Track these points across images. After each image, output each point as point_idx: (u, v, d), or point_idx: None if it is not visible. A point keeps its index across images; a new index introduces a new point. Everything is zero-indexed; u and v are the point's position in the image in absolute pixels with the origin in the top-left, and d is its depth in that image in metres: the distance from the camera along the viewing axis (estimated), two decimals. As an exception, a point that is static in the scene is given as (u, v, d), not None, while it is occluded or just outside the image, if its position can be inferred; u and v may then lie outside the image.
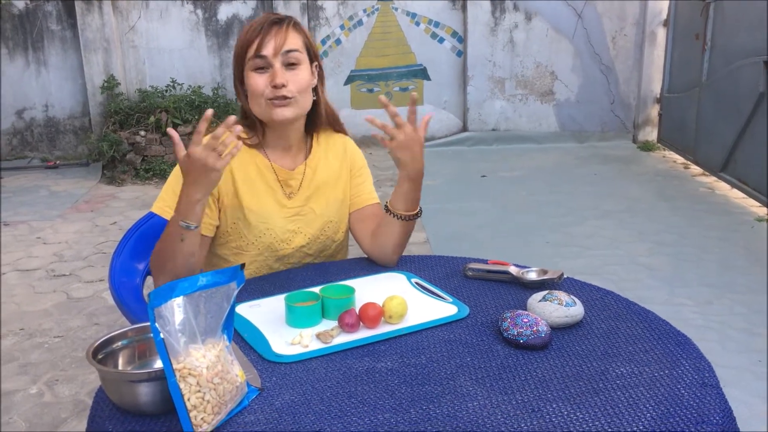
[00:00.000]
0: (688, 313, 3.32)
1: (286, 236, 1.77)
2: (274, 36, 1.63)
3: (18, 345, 3.21)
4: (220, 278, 1.15)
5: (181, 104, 6.13)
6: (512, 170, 6.08)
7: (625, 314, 1.47)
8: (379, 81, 6.95)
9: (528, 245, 4.29)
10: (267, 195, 1.75)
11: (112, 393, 1.15)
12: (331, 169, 1.83)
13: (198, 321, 1.11)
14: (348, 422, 1.12)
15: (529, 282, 1.60)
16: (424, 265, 1.77)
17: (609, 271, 3.85)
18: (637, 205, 5.00)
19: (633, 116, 6.91)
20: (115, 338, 1.23)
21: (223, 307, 1.15)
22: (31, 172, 6.48)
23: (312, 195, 1.80)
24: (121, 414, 1.16)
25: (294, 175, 1.78)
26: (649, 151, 6.67)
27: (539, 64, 6.85)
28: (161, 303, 1.06)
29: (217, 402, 1.09)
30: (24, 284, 3.91)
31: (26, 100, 6.67)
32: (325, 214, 1.81)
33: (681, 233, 4.41)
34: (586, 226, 4.60)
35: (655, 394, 1.17)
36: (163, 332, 1.05)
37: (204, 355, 1.10)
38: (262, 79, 1.64)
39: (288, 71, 1.64)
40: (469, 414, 1.13)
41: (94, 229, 4.83)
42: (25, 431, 2.55)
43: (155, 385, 1.11)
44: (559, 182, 5.66)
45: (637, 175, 5.84)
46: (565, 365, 1.27)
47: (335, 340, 1.37)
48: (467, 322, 1.45)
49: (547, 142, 6.92)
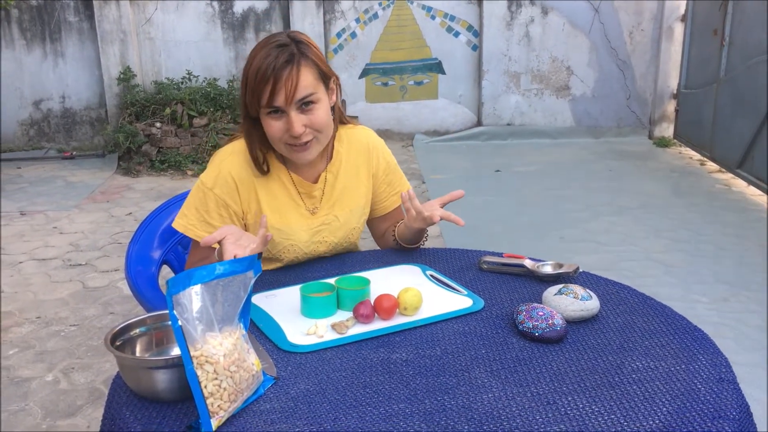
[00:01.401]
0: (703, 310, 3.30)
1: (310, 249, 1.75)
2: (284, 82, 1.52)
3: (35, 333, 3.24)
4: (238, 267, 1.16)
5: (196, 96, 6.16)
6: (527, 165, 6.06)
7: (642, 309, 1.46)
8: (393, 75, 6.94)
9: (542, 240, 4.28)
10: (291, 210, 1.72)
11: (130, 379, 1.16)
12: (352, 172, 1.79)
13: (215, 309, 1.11)
14: (363, 412, 1.12)
15: (544, 275, 1.60)
16: (439, 258, 1.77)
17: (624, 267, 3.84)
18: (652, 202, 4.97)
19: (649, 112, 6.86)
20: (133, 325, 1.24)
21: (240, 295, 1.16)
22: (47, 163, 6.53)
23: (335, 203, 1.76)
24: (138, 401, 1.17)
25: (316, 187, 1.74)
26: (666, 147, 6.63)
27: (555, 58, 6.82)
28: (179, 290, 1.07)
29: (234, 390, 1.10)
30: (41, 273, 3.95)
31: (43, 91, 6.72)
32: (349, 222, 1.79)
33: (697, 230, 4.38)
34: (601, 221, 4.58)
35: (671, 388, 1.17)
36: (181, 319, 1.06)
37: (221, 343, 1.10)
38: (279, 125, 1.57)
39: (305, 114, 1.57)
40: (483, 405, 1.13)
41: (110, 220, 4.87)
42: (41, 418, 2.58)
43: (172, 372, 1.11)
44: (574, 178, 5.63)
45: (652, 171, 5.80)
46: (580, 359, 1.27)
47: (350, 330, 1.38)
48: (482, 315, 1.45)
49: (562, 137, 6.89)
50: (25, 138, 6.82)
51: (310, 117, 1.57)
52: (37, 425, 2.54)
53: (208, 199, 1.65)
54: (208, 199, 1.65)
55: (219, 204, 1.65)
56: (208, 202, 1.65)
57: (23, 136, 6.82)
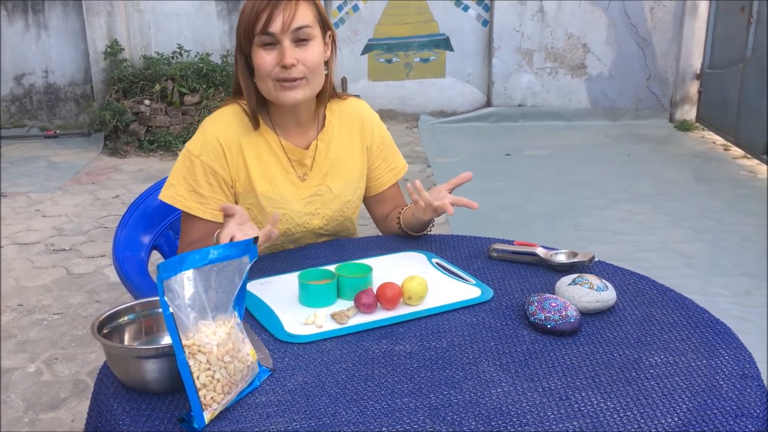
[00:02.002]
0: (725, 303, 3.30)
1: (303, 220, 1.76)
2: (282, 11, 1.56)
3: (16, 322, 3.25)
4: (232, 252, 1.16)
5: (188, 72, 6.14)
6: (539, 149, 6.05)
7: (661, 300, 1.46)
8: (398, 51, 6.91)
9: (555, 229, 4.28)
10: (281, 177, 1.74)
11: (118, 369, 1.16)
12: (346, 143, 1.81)
13: (209, 296, 1.11)
14: (364, 406, 1.13)
15: (557, 265, 1.60)
16: (446, 245, 1.77)
17: (641, 257, 3.84)
18: (672, 189, 4.97)
19: (670, 93, 6.84)
20: (121, 312, 1.24)
21: (235, 282, 1.16)
22: (29, 142, 6.53)
23: (328, 173, 1.78)
24: (127, 392, 1.17)
25: (307, 154, 1.76)
26: (687, 130, 6.61)
27: (571, 35, 6.78)
28: (170, 276, 1.07)
29: (228, 381, 1.10)
30: (22, 258, 3.96)
31: (25, 65, 6.70)
32: (343, 194, 1.80)
33: (719, 219, 4.37)
34: (617, 209, 4.57)
35: (692, 384, 1.17)
36: (172, 306, 1.06)
37: (214, 331, 1.10)
38: (270, 57, 1.60)
39: (298, 48, 1.60)
40: (492, 401, 1.13)
41: (96, 203, 4.87)
42: (22, 411, 2.59)
43: (163, 361, 1.12)
44: (589, 162, 5.62)
45: (673, 157, 5.79)
46: (595, 352, 1.27)
47: (351, 320, 1.38)
48: (491, 306, 1.45)
49: (577, 119, 6.87)
50: (5, 115, 6.81)
51: (303, 52, 1.61)
52: (18, 419, 2.55)
53: (196, 167, 1.67)
54: (195, 167, 1.67)
55: (207, 171, 1.67)
56: (196, 170, 1.67)
57: (4, 113, 6.80)
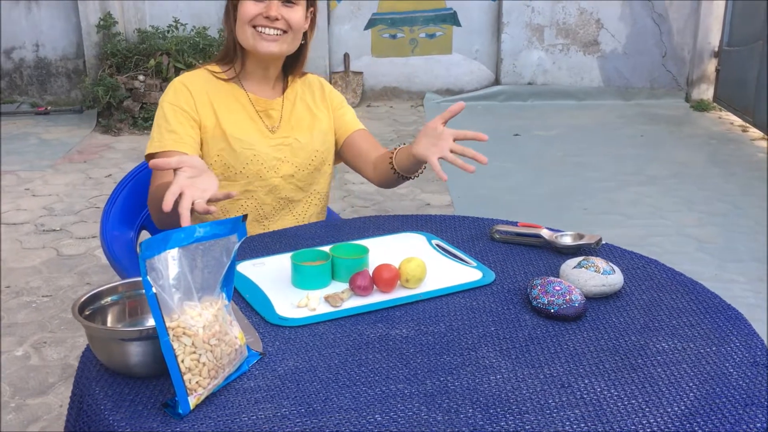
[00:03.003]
0: (738, 290, 3.28)
1: (273, 163, 1.85)
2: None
3: (3, 304, 3.25)
4: (220, 230, 1.14)
5: (184, 47, 6.11)
6: (549, 129, 6.01)
7: (670, 285, 1.45)
8: (403, 26, 6.86)
9: (563, 211, 4.26)
10: (250, 124, 1.85)
11: (100, 352, 1.15)
12: (309, 103, 1.95)
13: (194, 276, 1.10)
14: (357, 392, 1.12)
15: (563, 247, 1.59)
16: (447, 226, 1.76)
17: (652, 242, 3.82)
18: (686, 171, 4.94)
19: (687, 72, 6.79)
20: (104, 293, 1.23)
21: (223, 261, 1.15)
22: (19, 118, 6.51)
23: (294, 126, 1.90)
24: (110, 375, 1.16)
25: (273, 105, 1.88)
26: (704, 110, 6.56)
27: (583, 10, 6.73)
28: (154, 254, 1.06)
29: (214, 365, 1.09)
30: (11, 239, 3.96)
31: (15, 39, 6.67)
32: (310, 144, 1.90)
33: (734, 203, 4.35)
34: (628, 192, 4.55)
35: (700, 372, 1.16)
36: (155, 286, 1.05)
37: (200, 313, 1.09)
38: (256, 7, 1.73)
39: (283, 7, 1.75)
40: (491, 387, 1.12)
41: (87, 182, 4.86)
42: (9, 396, 2.60)
43: (147, 344, 1.11)
44: (601, 143, 5.59)
45: (688, 138, 5.75)
46: (599, 338, 1.26)
47: (345, 303, 1.37)
48: (492, 289, 1.44)
49: (589, 98, 6.83)
50: (-6, 91, 6.80)
51: (288, 11, 1.75)
52: (5, 404, 2.56)
53: (165, 110, 1.78)
54: (165, 111, 1.78)
55: (175, 110, 1.77)
56: (166, 113, 1.77)
57: (-7, 88, 6.79)
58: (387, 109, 6.78)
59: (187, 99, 1.79)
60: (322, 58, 6.67)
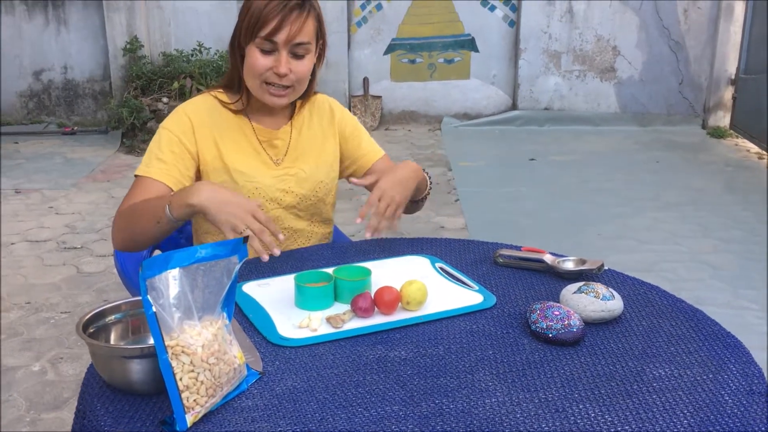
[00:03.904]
0: (752, 317, 3.24)
1: (276, 195, 1.83)
2: (290, 23, 1.66)
3: (23, 319, 3.29)
4: (221, 251, 1.16)
5: (207, 69, 6.18)
6: (565, 154, 6.00)
7: (670, 311, 1.44)
8: (422, 51, 6.90)
9: (578, 236, 4.24)
10: (253, 156, 1.82)
11: (102, 369, 1.17)
12: (317, 130, 1.91)
13: (195, 296, 1.11)
14: (353, 413, 1.12)
15: (565, 272, 1.58)
16: (452, 249, 1.76)
17: (667, 268, 3.79)
18: (702, 198, 4.90)
19: (703, 99, 6.75)
20: (108, 311, 1.25)
21: (223, 282, 1.16)
22: (47, 138, 6.61)
23: (299, 156, 1.87)
24: (111, 393, 1.17)
25: (278, 135, 1.85)
26: (720, 138, 6.52)
27: (600, 37, 6.73)
28: (155, 274, 1.07)
29: (212, 384, 1.10)
30: (33, 256, 4.00)
31: (44, 60, 6.79)
32: (315, 175, 1.87)
33: (750, 230, 4.30)
34: (644, 218, 4.52)
35: (695, 399, 1.15)
36: (155, 305, 1.06)
37: (200, 332, 1.10)
38: (265, 61, 1.69)
39: (293, 60, 1.71)
40: (485, 411, 1.12)
41: (110, 201, 4.92)
42: (24, 410, 2.62)
43: (147, 362, 1.12)
44: (617, 169, 5.56)
45: (704, 165, 5.71)
46: (596, 364, 1.25)
47: (346, 325, 1.37)
48: (493, 313, 1.44)
49: (605, 124, 6.81)
50: (23, 111, 6.91)
51: (297, 64, 1.71)
52: (20, 417, 2.58)
53: (162, 138, 1.75)
54: (162, 138, 1.75)
55: (172, 141, 1.74)
56: (162, 140, 1.74)
57: (22, 108, 6.90)
58: (405, 132, 6.80)
59: (187, 131, 1.76)
60: (342, 82, 6.72)
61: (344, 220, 4.20)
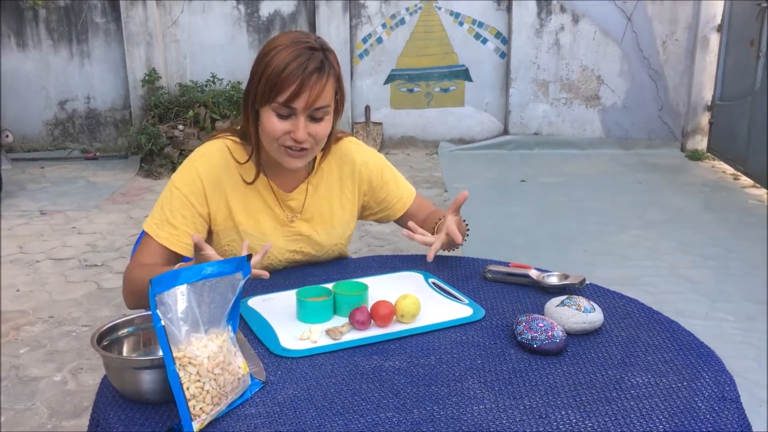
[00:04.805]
0: (728, 328, 3.23)
1: (286, 256, 1.73)
2: (309, 89, 1.51)
3: (47, 332, 3.28)
4: (226, 268, 1.16)
5: (219, 99, 6.21)
6: (553, 176, 6.01)
7: (647, 323, 1.43)
8: (419, 81, 6.94)
9: (565, 252, 4.23)
10: (265, 215, 1.70)
11: (115, 379, 1.17)
12: (335, 184, 1.77)
13: (201, 310, 1.12)
14: (349, 419, 1.12)
15: (549, 286, 1.58)
16: (444, 266, 1.76)
17: (648, 282, 3.78)
18: (682, 216, 4.89)
19: (682, 124, 6.77)
20: (120, 325, 1.25)
21: (228, 297, 1.16)
22: (71, 163, 6.63)
23: (315, 217, 1.74)
24: (123, 401, 1.17)
25: (294, 196, 1.72)
26: (698, 160, 6.53)
27: (585, 67, 6.76)
28: (163, 290, 1.07)
29: (218, 393, 1.10)
30: (56, 273, 4.00)
31: (69, 91, 6.83)
32: (329, 239, 1.77)
33: (727, 246, 4.30)
34: (627, 235, 4.52)
35: (671, 405, 1.14)
36: (164, 319, 1.06)
37: (206, 345, 1.10)
38: (282, 125, 1.55)
39: (311, 123, 1.57)
40: (473, 417, 1.12)
41: (129, 221, 4.93)
42: (46, 418, 2.61)
43: (157, 372, 1.12)
44: (602, 190, 5.57)
45: (684, 185, 5.72)
46: (578, 372, 1.24)
47: (345, 336, 1.37)
48: (482, 325, 1.43)
49: (591, 148, 6.82)
50: (49, 138, 6.94)
51: (315, 127, 1.57)
52: (42, 425, 2.57)
53: (174, 198, 1.63)
54: (173, 198, 1.63)
55: (184, 204, 1.63)
56: (174, 201, 1.63)
57: (48, 135, 6.93)
58: (404, 156, 6.82)
59: (198, 193, 1.63)
60: (346, 110, 6.73)
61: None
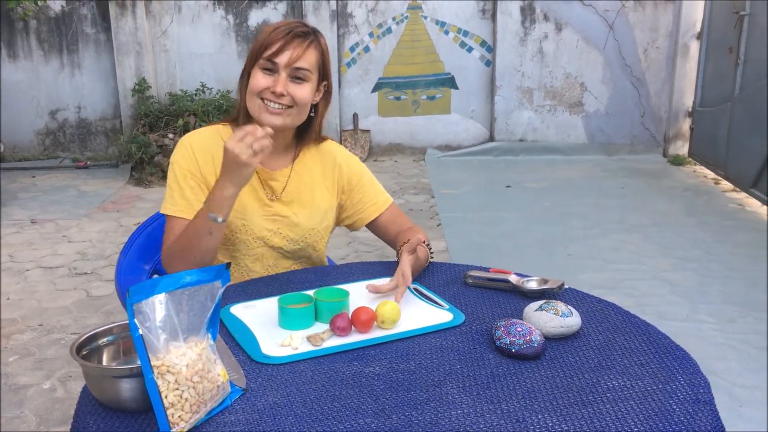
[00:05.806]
0: (708, 330, 3.23)
1: (263, 234, 1.76)
2: (292, 48, 1.64)
3: (36, 340, 3.25)
4: (205, 276, 1.15)
5: (209, 108, 6.19)
6: (538, 181, 6.02)
7: (624, 327, 1.43)
8: (406, 89, 6.94)
9: (550, 257, 4.24)
10: (248, 192, 1.75)
11: (95, 388, 1.15)
12: (317, 175, 1.83)
13: (180, 318, 1.10)
14: (328, 425, 1.11)
15: (528, 291, 1.58)
16: (425, 271, 1.75)
17: (630, 285, 3.78)
18: (664, 220, 4.91)
19: (664, 129, 6.80)
20: (100, 334, 1.23)
21: (207, 305, 1.15)
22: (62, 172, 6.59)
23: (294, 200, 1.79)
24: (103, 410, 1.16)
25: (276, 177, 1.78)
26: (680, 165, 6.55)
27: (569, 74, 6.78)
28: (142, 299, 1.06)
29: (197, 401, 1.09)
30: (46, 281, 3.97)
31: (60, 101, 6.80)
32: (307, 222, 1.80)
33: (707, 249, 4.31)
34: (610, 239, 4.53)
35: (645, 408, 1.14)
36: (142, 328, 1.05)
37: (184, 353, 1.09)
38: (265, 80, 1.66)
39: (292, 83, 1.66)
40: (451, 422, 1.11)
41: (119, 229, 4.90)
42: (35, 426, 2.58)
43: (136, 381, 1.10)
44: (586, 195, 5.58)
45: (665, 190, 5.74)
46: (555, 376, 1.24)
47: (325, 343, 1.36)
48: (461, 330, 1.43)
49: (574, 153, 6.84)
50: (40, 147, 6.90)
51: (295, 88, 1.67)
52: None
53: (177, 173, 1.73)
54: (176, 173, 1.73)
55: (185, 175, 1.72)
56: (177, 176, 1.72)
57: (39, 145, 6.89)
58: (392, 163, 6.82)
59: (191, 160, 1.72)
60: (334, 118, 6.74)
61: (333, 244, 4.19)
